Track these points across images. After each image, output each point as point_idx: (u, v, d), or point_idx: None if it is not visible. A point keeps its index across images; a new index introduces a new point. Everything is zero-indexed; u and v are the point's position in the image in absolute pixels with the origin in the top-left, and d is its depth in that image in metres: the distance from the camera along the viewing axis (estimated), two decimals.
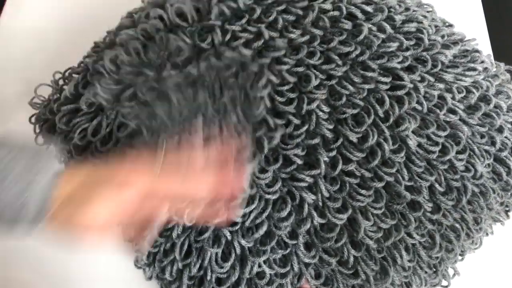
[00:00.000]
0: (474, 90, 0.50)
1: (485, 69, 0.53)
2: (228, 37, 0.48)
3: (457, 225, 0.48)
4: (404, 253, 0.46)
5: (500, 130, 0.51)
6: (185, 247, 0.47)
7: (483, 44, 0.67)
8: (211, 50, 0.48)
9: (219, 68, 0.45)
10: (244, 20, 0.48)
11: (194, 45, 0.48)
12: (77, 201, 0.34)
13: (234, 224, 0.46)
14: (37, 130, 0.55)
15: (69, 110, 0.51)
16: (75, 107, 0.51)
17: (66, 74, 0.56)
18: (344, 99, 0.47)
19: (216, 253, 0.46)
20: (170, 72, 0.47)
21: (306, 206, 0.45)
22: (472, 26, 0.67)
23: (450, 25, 0.56)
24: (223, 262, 0.46)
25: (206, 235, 0.46)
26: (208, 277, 0.46)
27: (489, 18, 0.70)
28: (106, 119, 0.49)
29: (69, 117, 0.51)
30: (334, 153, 0.46)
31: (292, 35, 0.47)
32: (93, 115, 0.50)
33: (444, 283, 0.51)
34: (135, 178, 0.35)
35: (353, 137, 0.46)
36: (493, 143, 0.50)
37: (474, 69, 0.52)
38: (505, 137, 0.51)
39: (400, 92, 0.47)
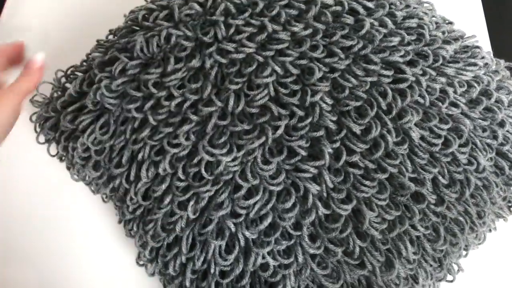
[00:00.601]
0: (475, 84, 0.51)
1: (486, 64, 0.53)
2: (231, 31, 0.48)
3: (461, 218, 0.48)
4: (409, 245, 0.46)
5: (501, 124, 0.51)
6: (190, 240, 0.46)
7: (483, 43, 0.67)
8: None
9: None
10: (247, 14, 0.48)
11: (196, 38, 0.48)
12: None
13: (238, 216, 0.46)
14: (38, 129, 0.55)
15: (75, 108, 0.51)
16: (80, 105, 0.51)
17: (69, 72, 0.56)
18: (347, 91, 0.47)
19: (220, 246, 0.45)
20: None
21: (310, 197, 0.45)
22: (472, 25, 0.68)
23: (450, 23, 0.57)
24: (227, 254, 0.45)
25: (210, 227, 0.45)
26: (212, 270, 0.46)
27: (489, 18, 0.70)
28: (112, 116, 0.49)
29: (74, 115, 0.51)
30: (337, 144, 0.46)
31: (295, 28, 0.48)
32: (99, 113, 0.50)
33: (449, 277, 0.50)
34: None
35: (357, 129, 0.46)
36: (495, 137, 0.51)
37: (475, 64, 0.52)
38: (507, 131, 0.51)
39: (402, 85, 0.48)
